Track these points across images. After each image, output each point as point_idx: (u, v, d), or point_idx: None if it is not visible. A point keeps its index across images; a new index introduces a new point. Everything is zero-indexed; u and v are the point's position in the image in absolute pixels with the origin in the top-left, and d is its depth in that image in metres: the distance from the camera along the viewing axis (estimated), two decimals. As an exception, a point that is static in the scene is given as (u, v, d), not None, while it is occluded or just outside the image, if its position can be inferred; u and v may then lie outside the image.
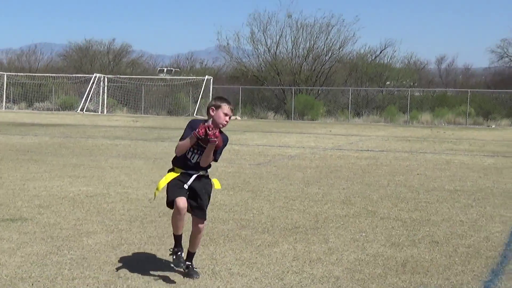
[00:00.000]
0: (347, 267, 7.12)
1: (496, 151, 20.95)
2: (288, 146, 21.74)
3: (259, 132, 28.01)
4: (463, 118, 40.95)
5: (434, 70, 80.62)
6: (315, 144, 22.67)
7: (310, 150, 20.53)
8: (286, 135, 26.80)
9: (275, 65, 49.73)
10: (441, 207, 10.80)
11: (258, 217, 9.68)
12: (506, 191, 12.68)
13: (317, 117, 43.02)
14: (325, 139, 25.33)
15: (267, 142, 23.25)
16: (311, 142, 23.54)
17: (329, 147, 21.72)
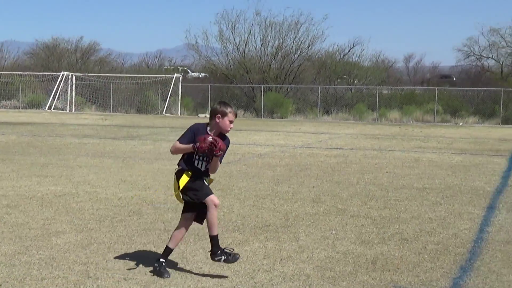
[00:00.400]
0: (318, 265, 7.14)
1: (463, 149, 21.17)
2: (258, 144, 21.76)
3: (228, 130, 27.95)
4: (431, 115, 41.31)
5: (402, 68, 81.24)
6: (285, 142, 22.72)
7: (280, 148, 20.57)
8: (256, 133, 26.82)
9: (244, 63, 49.69)
10: (410, 205, 10.88)
11: (228, 216, 9.67)
12: (473, 188, 12.81)
13: (286, 115, 43.11)
14: (295, 137, 25.38)
15: (237, 140, 23.23)
16: (280, 140, 23.58)
17: (299, 145, 21.77)
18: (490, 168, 16.14)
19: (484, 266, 7.19)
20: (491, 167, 16.25)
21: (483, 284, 6.54)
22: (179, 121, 36.04)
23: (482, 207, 10.81)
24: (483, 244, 8.19)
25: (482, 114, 42.69)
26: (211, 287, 6.33)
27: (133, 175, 13.85)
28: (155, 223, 9.12)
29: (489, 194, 12.09)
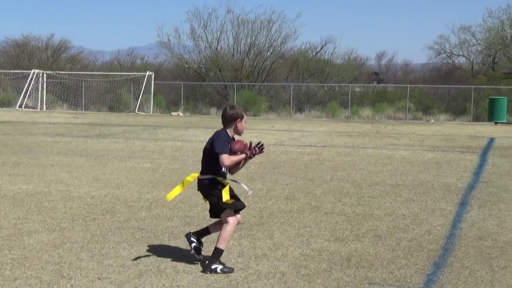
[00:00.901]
0: (293, 262, 7.15)
1: (435, 146, 21.32)
2: (231, 142, 21.72)
3: (201, 128, 27.91)
4: (403, 113, 41.56)
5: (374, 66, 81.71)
6: (258, 140, 22.67)
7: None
8: (229, 131, 26.76)
9: (216, 61, 49.60)
10: (383, 202, 10.94)
11: (202, 214, 9.64)
12: (446, 185, 12.91)
13: (259, 113, 43.12)
14: (268, 134, 25.39)
15: (210, 138, 23.19)
16: (254, 138, 23.55)
17: (272, 142, 21.78)
18: (462, 164, 16.28)
19: (457, 262, 7.25)
20: (463, 164, 16.39)
21: (457, 280, 6.59)
22: (152, 119, 35.90)
23: (455, 203, 10.90)
24: (456, 240, 8.26)
25: (453, 111, 43.06)
26: (186, 285, 6.31)
27: (106, 173, 13.77)
28: (129, 221, 9.07)
29: (461, 191, 12.20)
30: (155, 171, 14.22)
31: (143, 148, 19.27)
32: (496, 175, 14.41)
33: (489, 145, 21.89)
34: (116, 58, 72.45)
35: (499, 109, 35.88)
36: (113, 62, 69.78)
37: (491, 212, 10.15)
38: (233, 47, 50.56)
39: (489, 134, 27.23)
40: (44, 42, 64.96)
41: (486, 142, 23.35)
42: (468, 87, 42.95)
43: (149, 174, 13.73)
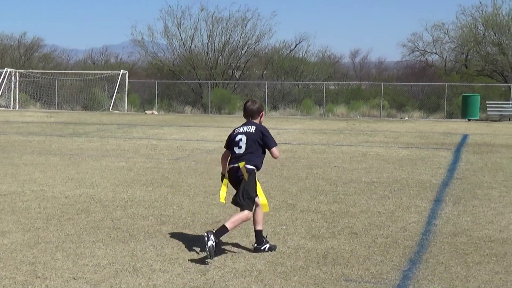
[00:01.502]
0: (269, 260, 7.15)
1: (410, 143, 21.44)
2: (206, 140, 21.70)
3: (176, 126, 27.83)
4: (377, 110, 41.75)
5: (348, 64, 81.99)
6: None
7: (228, 144, 20.51)
8: (204, 129, 26.73)
9: (190, 59, 49.45)
10: (359, 199, 10.98)
11: (178, 213, 9.62)
12: (420, 182, 12.99)
13: (234, 111, 43.08)
14: (243, 133, 25.35)
15: (185, 136, 23.13)
16: (229, 136, 23.51)
17: (247, 141, 21.75)
18: (436, 161, 16.40)
19: (432, 258, 7.29)
20: (437, 161, 16.50)
21: (432, 276, 6.64)
22: (126, 117, 35.72)
23: (429, 200, 10.97)
24: (431, 237, 8.31)
25: (427, 108, 43.34)
26: (162, 284, 6.29)
27: (80, 172, 13.68)
28: (104, 221, 9.02)
29: (435, 187, 12.28)
30: (130, 170, 14.15)
31: (117, 146, 19.17)
32: (470, 171, 14.54)
33: (462, 142, 22.07)
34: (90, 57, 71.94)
35: (472, 106, 36.19)
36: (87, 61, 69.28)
37: (465, 208, 10.23)
38: (207, 45, 50.47)
39: (463, 131, 27.45)
40: (16, 41, 64.36)
41: (460, 138, 23.54)
42: (442, 84, 43.23)
43: (124, 173, 13.66)
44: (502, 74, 44.89)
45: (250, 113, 7.66)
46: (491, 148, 19.87)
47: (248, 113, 7.68)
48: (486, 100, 38.53)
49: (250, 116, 7.68)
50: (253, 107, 7.68)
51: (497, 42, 44.54)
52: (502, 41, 44.36)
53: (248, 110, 7.68)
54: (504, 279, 6.63)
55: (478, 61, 46.88)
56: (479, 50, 46.43)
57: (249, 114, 7.66)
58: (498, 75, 45.27)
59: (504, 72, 44.77)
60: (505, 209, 10.20)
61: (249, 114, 7.66)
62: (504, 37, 44.38)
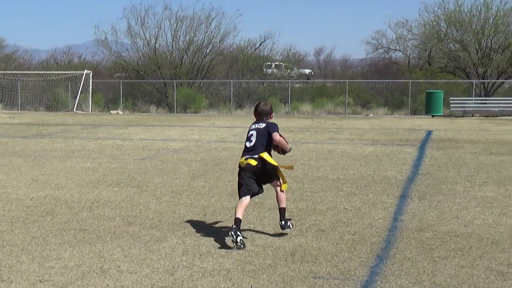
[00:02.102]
0: (237, 259, 7.15)
1: (375, 140, 21.58)
2: (172, 140, 21.62)
3: (142, 126, 27.70)
4: (342, 108, 41.94)
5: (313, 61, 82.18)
6: (199, 137, 22.65)
7: (194, 143, 20.49)
8: (170, 129, 26.63)
9: (155, 59, 49.17)
10: (325, 196, 11.03)
11: (145, 213, 9.58)
12: (386, 178, 13.08)
13: (199, 110, 42.97)
14: (209, 131, 25.34)
15: (151, 136, 23.02)
16: (195, 135, 23.50)
17: (213, 139, 21.75)
18: (401, 157, 16.53)
19: (399, 254, 7.36)
20: (402, 157, 16.64)
21: (399, 271, 6.69)
22: (91, 118, 35.44)
23: (395, 196, 11.06)
24: (398, 233, 8.38)
25: (391, 105, 43.61)
26: (130, 285, 6.25)
27: (44, 174, 13.54)
28: (70, 222, 8.95)
29: (401, 183, 12.38)
30: (96, 171, 14.05)
31: (82, 147, 19.02)
32: (435, 167, 14.68)
33: (427, 138, 22.28)
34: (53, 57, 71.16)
35: (436, 103, 36.51)
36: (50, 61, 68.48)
37: (431, 204, 10.34)
38: (172, 44, 50.20)
39: (427, 127, 27.72)
40: (-23, 41, 63.48)
41: (424, 135, 23.76)
42: (405, 81, 43.58)
43: (89, 174, 13.56)
44: (465, 70, 45.36)
45: (264, 112, 8.48)
46: (455, 143, 20.09)
47: (261, 113, 8.48)
48: (449, 96, 38.93)
49: (262, 115, 8.49)
50: (265, 108, 8.53)
51: (459, 39, 44.98)
52: (464, 38, 44.82)
53: (260, 111, 8.49)
54: (469, 273, 6.71)
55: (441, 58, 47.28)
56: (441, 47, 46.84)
57: (263, 114, 8.47)
58: (461, 71, 45.72)
59: (467, 69, 45.24)
60: (470, 204, 10.32)
61: (263, 114, 8.47)
62: (466, 34, 44.82)
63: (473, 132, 24.70)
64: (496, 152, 17.64)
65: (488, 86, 43.65)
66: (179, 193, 11.32)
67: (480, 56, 43.88)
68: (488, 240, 8.04)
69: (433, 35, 47.18)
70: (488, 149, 18.48)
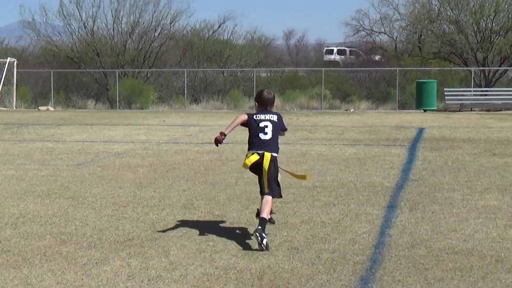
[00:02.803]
0: (194, 284, 7.12)
1: (357, 139, 21.68)
2: (114, 141, 21.50)
3: (77, 125, 27.51)
4: (318, 101, 42.07)
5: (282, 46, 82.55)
6: (147, 138, 22.55)
7: (141, 145, 20.40)
8: (111, 128, 26.48)
9: (93, 44, 48.93)
10: (299, 207, 11.03)
11: (82, 230, 9.49)
12: (370, 185, 13.13)
13: (147, 105, 42.81)
14: (159, 131, 25.25)
15: (88, 137, 22.88)
16: (142, 136, 23.39)
17: (164, 140, 21.67)
18: (388, 160, 16.62)
19: (387, 276, 7.37)
20: (389, 159, 16.73)
21: (388, 297, 6.70)
22: (15, 115, 35.11)
23: (382, 206, 11.10)
24: (385, 250, 8.40)
25: (375, 98, 43.84)
26: (64, 318, 6.17)
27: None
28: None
29: (388, 191, 12.44)
30: (21, 179, 13.90)
31: (5, 151, 18.83)
32: (428, 171, 14.78)
33: (418, 137, 22.44)
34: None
35: (428, 95, 36.76)
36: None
37: (424, 215, 10.39)
38: (113, 26, 49.96)
39: (418, 124, 27.92)
40: None
41: (415, 133, 23.93)
42: (392, 69, 43.78)
43: (13, 183, 13.42)
44: (462, 56, 45.70)
45: (269, 102, 9.42)
46: (451, 143, 20.26)
47: (266, 102, 9.38)
48: (444, 87, 39.23)
49: (268, 105, 9.40)
50: (270, 96, 9.43)
51: (455, 19, 45.29)
52: (460, 18, 45.18)
53: (266, 99, 9.38)
54: (471, 297, 6.74)
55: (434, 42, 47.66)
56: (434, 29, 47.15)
57: (269, 103, 9.40)
58: (457, 57, 46.05)
59: (464, 54, 45.57)
60: (470, 215, 10.39)
61: (269, 103, 9.40)
62: (462, 14, 45.18)
63: (472, 130, 24.94)
64: (500, 153, 17.83)
65: (489, 75, 43.97)
66: (123, 205, 11.24)
67: (479, 40, 44.19)
68: (492, 257, 8.09)
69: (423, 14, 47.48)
70: (490, 149, 18.67)
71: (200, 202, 11.47)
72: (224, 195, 12.10)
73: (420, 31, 51.05)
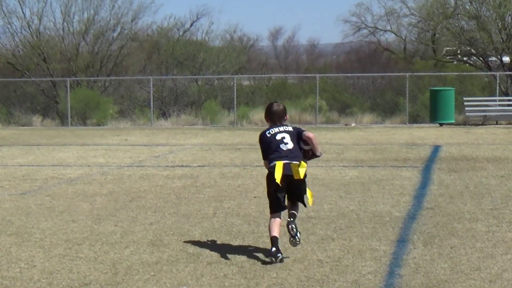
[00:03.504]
0: (165, 337, 7.11)
1: (359, 160, 21.69)
2: (66, 165, 21.46)
3: (21, 146, 27.43)
4: (312, 114, 42.06)
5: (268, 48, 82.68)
6: (106, 160, 22.52)
7: (99, 169, 20.37)
8: (62, 149, 26.42)
9: (39, 47, 48.89)
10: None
11: (28, 273, 9.47)
12: (376, 215, 13.15)
13: (105, 121, 42.74)
14: (120, 152, 25.21)
15: (35, 160, 22.83)
16: (99, 158, 23.35)
17: (127, 163, 21.65)
18: (397, 184, 16.65)
19: (398, 324, 7.38)
20: (399, 184, 16.76)
21: None
22: None
23: (390, 240, 11.12)
24: (395, 293, 8.41)
25: (381, 110, 43.93)
26: None
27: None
28: None
29: (398, 222, 12.46)
30: (-46, 213, 13.87)
31: None
32: (445, 197, 14.82)
33: (433, 156, 22.49)
34: None
35: (445, 105, 36.76)
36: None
37: (441, 250, 10.41)
38: (63, 25, 49.98)
39: (433, 141, 27.99)
40: None
41: (429, 151, 23.99)
42: (401, 75, 43.79)
43: None
44: (484, 58, 45.78)
45: (277, 115, 10.47)
46: (473, 163, 20.32)
47: (276, 116, 10.47)
48: (463, 96, 39.34)
49: (278, 119, 10.46)
50: (278, 109, 10.46)
51: (475, 14, 45.40)
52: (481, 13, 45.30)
53: (275, 113, 10.43)
54: None
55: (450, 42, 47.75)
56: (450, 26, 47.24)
57: (278, 116, 10.47)
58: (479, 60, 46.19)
59: (487, 56, 45.64)
60: (496, 250, 10.42)
61: (278, 116, 10.47)
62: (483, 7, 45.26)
63: (499, 147, 25.04)
64: (531, 175, 17.91)
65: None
66: (78, 242, 11.22)
67: (505, 38, 44.27)
68: (524, 301, 8.12)
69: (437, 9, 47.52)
70: (519, 170, 18.75)
71: (170, 238, 11.47)
72: (199, 229, 12.09)
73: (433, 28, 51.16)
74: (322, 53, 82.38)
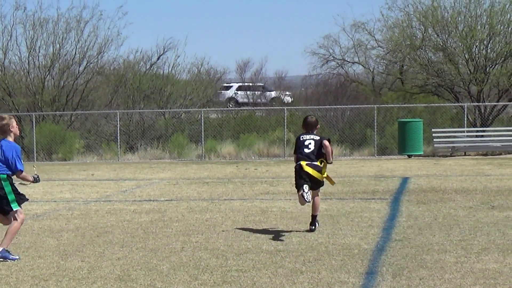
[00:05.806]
0: None
1: (328, 192, 21.66)
2: (31, 201, 21.26)
3: (-15, 182, 27.20)
4: (280, 147, 42.10)
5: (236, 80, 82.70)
6: (72, 196, 22.45)
7: (65, 204, 20.29)
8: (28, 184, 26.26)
9: (4, 81, 48.68)
10: (259, 276, 11.05)
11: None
12: (345, 247, 13.20)
13: (71, 156, 42.59)
14: (86, 187, 25.13)
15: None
16: (65, 193, 23.27)
17: (93, 198, 21.58)
18: (366, 217, 16.72)
19: None
20: (367, 216, 16.83)
21: None
22: None
23: (359, 272, 11.17)
24: (364, 326, 8.46)
25: (350, 142, 44.01)
26: None
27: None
28: None
29: (367, 254, 12.51)
30: None
31: None
32: (414, 229, 14.90)
33: (402, 188, 22.59)
34: None
35: (413, 137, 36.86)
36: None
37: (410, 282, 10.47)
38: (28, 59, 49.81)
39: (401, 173, 28.11)
40: None
41: (398, 183, 24.09)
42: (369, 106, 43.93)
43: None
44: (452, 89, 45.84)
45: (311, 125, 15.03)
46: (442, 195, 20.42)
47: (309, 126, 15.03)
48: (431, 127, 39.49)
49: (311, 128, 14.98)
50: (312, 120, 15.11)
51: (442, 45, 45.51)
52: (448, 44, 45.44)
53: (309, 123, 15.03)
54: None
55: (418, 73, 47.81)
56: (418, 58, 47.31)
57: (311, 126, 15.02)
58: (446, 91, 46.23)
59: (454, 87, 45.69)
60: (465, 281, 10.50)
61: (311, 126, 15.02)
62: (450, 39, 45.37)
63: (467, 178, 25.17)
64: (500, 206, 18.03)
65: (486, 112, 44.02)
66: (44, 278, 11.19)
67: (472, 69, 44.33)
68: (492, 331, 8.18)
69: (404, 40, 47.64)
70: (488, 201, 18.87)
71: (138, 273, 11.46)
72: (167, 264, 12.09)
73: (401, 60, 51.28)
74: (290, 86, 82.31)
